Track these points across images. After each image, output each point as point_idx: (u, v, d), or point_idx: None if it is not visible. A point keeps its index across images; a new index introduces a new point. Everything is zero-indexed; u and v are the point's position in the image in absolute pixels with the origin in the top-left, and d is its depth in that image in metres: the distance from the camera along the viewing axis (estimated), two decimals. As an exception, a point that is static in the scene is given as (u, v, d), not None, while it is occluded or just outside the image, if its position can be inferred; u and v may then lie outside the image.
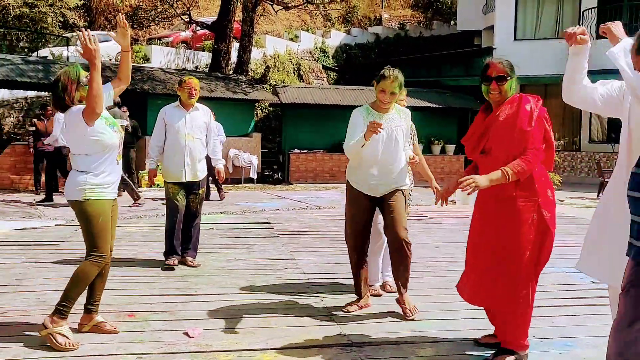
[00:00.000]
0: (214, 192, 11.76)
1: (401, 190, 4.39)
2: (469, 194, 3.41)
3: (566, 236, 8.14)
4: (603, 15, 17.63)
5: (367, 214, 4.41)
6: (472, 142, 3.60)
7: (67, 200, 3.79)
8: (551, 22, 18.35)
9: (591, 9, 17.44)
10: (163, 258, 5.79)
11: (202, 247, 6.54)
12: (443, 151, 17.93)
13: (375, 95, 4.32)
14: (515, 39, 18.46)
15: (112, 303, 4.46)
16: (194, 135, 5.77)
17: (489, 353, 3.61)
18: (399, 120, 4.36)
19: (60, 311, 3.67)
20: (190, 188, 5.82)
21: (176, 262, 5.72)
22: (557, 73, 17.63)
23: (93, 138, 3.66)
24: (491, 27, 20.12)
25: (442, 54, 21.53)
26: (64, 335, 3.60)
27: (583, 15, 17.62)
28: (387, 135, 4.27)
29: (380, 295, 4.89)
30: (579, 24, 17.70)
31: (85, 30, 3.59)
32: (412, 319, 4.26)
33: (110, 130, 3.74)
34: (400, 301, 4.39)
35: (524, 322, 3.50)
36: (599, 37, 17.09)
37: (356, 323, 4.22)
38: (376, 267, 4.96)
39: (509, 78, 3.49)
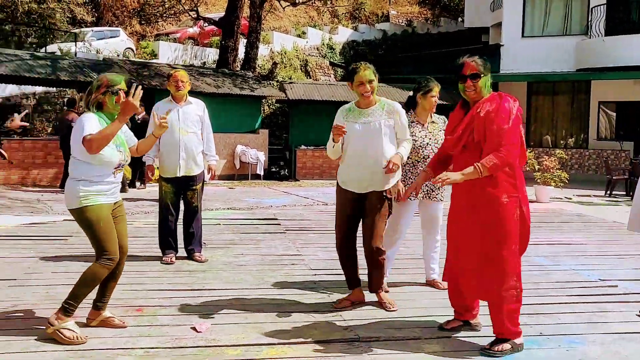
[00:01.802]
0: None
1: (384, 192, 4.31)
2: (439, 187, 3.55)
3: (574, 234, 8.12)
4: (612, 11, 17.53)
5: (350, 208, 4.38)
6: (455, 138, 3.72)
7: (68, 209, 3.80)
8: (560, 19, 18.25)
9: (600, 5, 17.33)
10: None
11: (209, 243, 6.57)
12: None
13: (356, 93, 4.31)
14: (523, 35, 18.37)
15: (120, 298, 4.48)
16: (188, 130, 5.71)
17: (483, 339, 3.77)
18: (380, 114, 4.28)
19: (66, 309, 3.70)
20: (186, 184, 5.81)
21: (173, 258, 5.75)
22: (566, 70, 17.64)
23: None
24: (499, 24, 20.03)
25: (449, 51, 21.45)
26: (70, 330, 3.64)
27: (592, 12, 17.52)
28: (363, 131, 4.24)
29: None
30: (588, 21, 17.62)
31: (135, 87, 3.62)
32: (394, 311, 4.37)
33: (113, 148, 3.72)
34: (379, 300, 4.48)
35: (515, 310, 3.63)
36: (607, 33, 17.04)
37: (363, 318, 4.23)
38: (389, 262, 4.97)
39: (482, 75, 3.64)
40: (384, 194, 4.32)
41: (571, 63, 17.65)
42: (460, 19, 29.25)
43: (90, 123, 3.63)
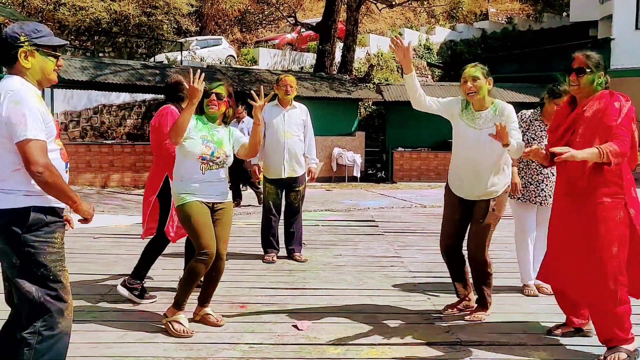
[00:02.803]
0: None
1: (491, 200, 4.06)
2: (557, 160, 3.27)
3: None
4: None
5: (457, 215, 4.19)
6: (557, 135, 3.56)
7: None
8: (678, 9, 16.99)
9: None
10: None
11: (309, 243, 6.67)
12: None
13: (462, 93, 4.06)
14: (637, 27, 17.24)
15: (225, 294, 4.66)
16: (292, 133, 5.85)
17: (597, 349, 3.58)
18: (491, 119, 3.95)
19: (177, 302, 3.90)
20: (290, 185, 5.94)
21: (275, 257, 5.90)
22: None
23: (182, 143, 3.91)
24: (609, 17, 18.93)
25: (553, 47, 20.55)
26: (180, 323, 3.84)
27: None
28: (475, 138, 3.97)
29: (535, 295, 4.77)
30: None
31: (198, 73, 3.78)
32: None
33: (199, 141, 3.88)
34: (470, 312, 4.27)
35: (618, 316, 3.41)
36: None
37: (465, 321, 4.14)
38: (526, 266, 4.83)
39: (588, 71, 3.43)
40: (491, 205, 4.07)
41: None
42: (565, 14, 27.90)
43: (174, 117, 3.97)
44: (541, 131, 4.67)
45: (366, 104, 19.72)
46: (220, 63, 20.24)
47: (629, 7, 17.32)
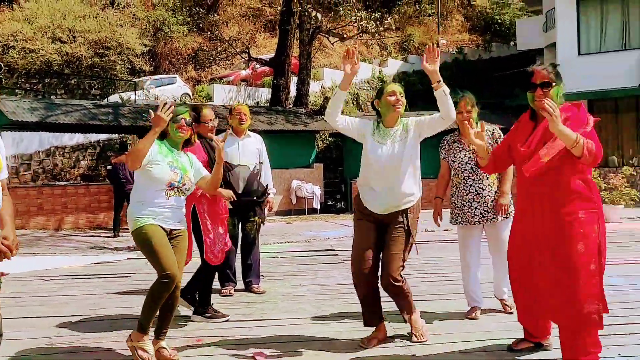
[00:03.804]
0: None
1: (405, 215, 4.01)
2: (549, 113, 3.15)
3: (647, 252, 7.70)
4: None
5: (371, 236, 4.09)
6: (530, 150, 3.39)
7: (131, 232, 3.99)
8: (617, 34, 17.73)
9: (658, 17, 16.78)
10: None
11: (267, 275, 6.56)
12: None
13: (385, 106, 4.02)
14: (579, 53, 17.93)
15: (180, 329, 4.51)
16: (247, 162, 5.80)
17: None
18: (402, 134, 4.02)
19: (141, 326, 3.82)
20: (245, 216, 5.84)
21: (232, 291, 5.75)
22: (628, 86, 17.02)
23: (145, 168, 3.82)
24: (553, 44, 19.65)
25: (502, 75, 21.18)
26: (144, 350, 3.76)
27: (650, 24, 16.96)
28: (387, 154, 3.98)
29: (477, 318, 4.70)
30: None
31: (166, 105, 3.78)
32: (421, 343, 4.04)
33: (166, 167, 3.85)
34: (410, 326, 4.18)
35: (595, 333, 3.33)
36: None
37: (426, 344, 4.08)
38: (469, 288, 4.79)
39: (554, 84, 3.40)
40: (405, 222, 4.02)
41: (633, 78, 17.04)
42: (512, 43, 28.89)
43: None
44: (460, 151, 4.72)
45: (323, 136, 19.85)
46: (175, 100, 20.13)
47: (571, 35, 18.03)
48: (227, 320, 4.82)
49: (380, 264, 4.10)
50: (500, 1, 32.80)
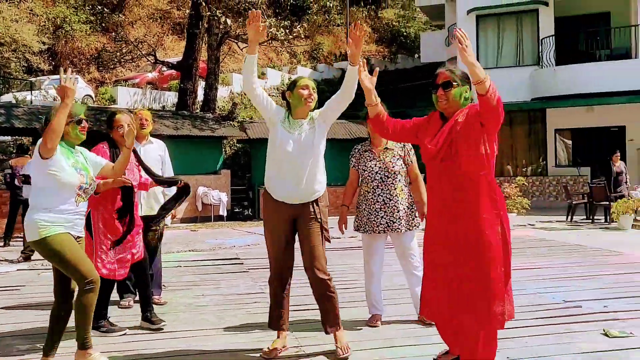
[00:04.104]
0: None
1: (315, 205, 4.04)
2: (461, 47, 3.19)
3: (538, 258, 8.17)
4: (561, 43, 18.15)
5: (284, 230, 4.08)
6: (437, 148, 3.38)
7: (29, 242, 3.69)
8: (512, 51, 18.79)
9: (549, 37, 17.93)
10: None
11: (169, 285, 6.37)
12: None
13: (297, 99, 4.04)
14: (477, 68, 18.79)
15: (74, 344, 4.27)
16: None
17: None
18: (311, 125, 4.08)
19: (81, 344, 3.69)
20: (146, 224, 5.64)
21: (131, 302, 5.54)
22: (521, 100, 18.07)
23: (49, 171, 3.60)
24: (454, 58, 20.51)
25: (407, 86, 21.86)
26: None
27: (542, 43, 18.09)
28: (296, 146, 3.99)
29: (376, 326, 4.74)
30: (539, 52, 18.20)
31: (68, 70, 3.62)
32: (346, 357, 3.97)
33: (72, 170, 3.67)
34: (335, 341, 4.08)
35: (495, 338, 3.40)
36: (558, 63, 17.61)
37: (328, 354, 4.10)
38: (370, 297, 4.84)
39: (455, 84, 3.39)
40: (316, 211, 4.05)
41: (526, 93, 18.11)
42: (416, 56, 29.92)
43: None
44: (370, 160, 4.81)
45: (231, 142, 19.64)
46: (77, 102, 19.22)
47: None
48: (125, 334, 4.62)
49: (302, 259, 4.10)
50: (405, 14, 33.92)
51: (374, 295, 4.86)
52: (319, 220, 4.06)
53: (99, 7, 22.84)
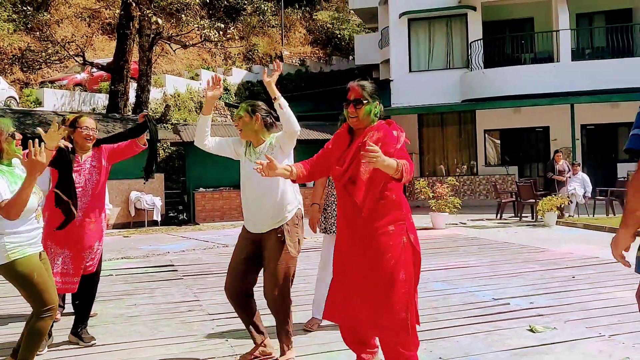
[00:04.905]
0: None
1: (280, 231, 3.99)
2: (367, 163, 3.09)
3: (469, 257, 8.40)
4: (489, 46, 18.78)
5: (244, 253, 4.07)
6: (343, 169, 3.38)
7: None
8: (443, 54, 19.28)
9: (477, 40, 18.50)
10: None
11: (99, 295, 6.14)
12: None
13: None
14: (410, 70, 19.21)
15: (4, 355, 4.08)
16: None
17: None
18: (268, 149, 4.07)
19: None
20: None
21: (59, 315, 5.29)
22: (452, 102, 18.59)
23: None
24: (387, 61, 20.86)
25: (341, 88, 22.00)
26: None
27: (471, 46, 18.65)
28: (254, 172, 3.84)
29: (312, 330, 4.75)
30: (468, 55, 18.76)
31: (38, 144, 3.25)
32: None
33: (30, 195, 3.43)
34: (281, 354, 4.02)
35: (414, 343, 3.38)
36: (486, 66, 18.20)
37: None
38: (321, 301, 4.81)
39: (365, 102, 3.38)
40: (281, 236, 4.00)
41: (457, 95, 18.63)
42: (351, 57, 30.21)
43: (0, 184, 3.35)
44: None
45: (164, 145, 19.25)
46: (5, 106, 18.36)
47: (402, 53, 19.27)
48: (49, 350, 4.44)
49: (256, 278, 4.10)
50: (340, 17, 34.20)
51: (323, 298, 4.84)
52: (283, 240, 3.98)
53: (22, 5, 21.89)
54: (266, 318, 4.29)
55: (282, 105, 3.90)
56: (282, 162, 3.84)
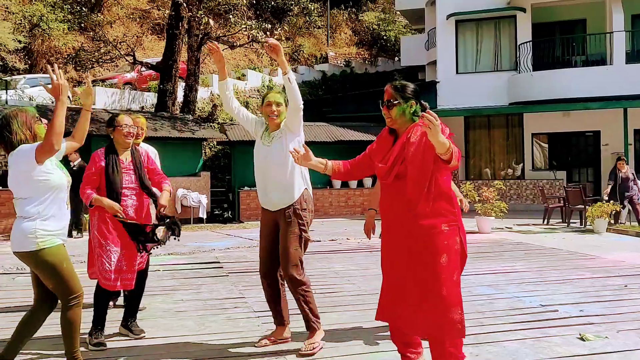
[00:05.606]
0: None
1: (290, 209, 4.26)
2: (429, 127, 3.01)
3: (515, 262, 8.25)
4: (538, 48, 18.40)
5: (268, 232, 4.40)
6: (387, 167, 3.40)
7: (16, 252, 3.50)
8: (491, 56, 18.99)
9: (527, 42, 18.16)
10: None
11: (147, 290, 6.28)
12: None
13: (264, 115, 4.38)
14: (457, 72, 18.98)
15: (47, 348, 4.21)
16: None
17: None
18: (281, 136, 4.32)
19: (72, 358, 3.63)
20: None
21: (112, 305, 5.49)
22: (499, 104, 18.29)
23: (39, 178, 3.46)
24: (434, 62, 20.67)
25: (387, 89, 21.89)
26: None
27: (519, 48, 18.31)
28: (267, 155, 4.32)
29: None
30: (516, 57, 18.43)
31: (55, 67, 3.52)
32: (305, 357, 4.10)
33: (59, 171, 3.60)
34: (309, 336, 4.27)
35: (459, 345, 3.38)
36: (535, 69, 17.83)
37: (312, 359, 4.10)
38: None
39: (396, 102, 3.40)
40: (290, 214, 4.26)
41: (504, 97, 18.33)
42: (397, 58, 30.07)
43: (31, 145, 3.46)
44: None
45: (211, 144, 19.54)
46: (53, 103, 18.96)
47: (450, 54, 19.07)
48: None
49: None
50: (386, 18, 34.07)
51: None
52: (294, 223, 4.25)
53: (77, 6, 22.54)
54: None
55: (291, 79, 4.19)
56: (293, 141, 4.24)
